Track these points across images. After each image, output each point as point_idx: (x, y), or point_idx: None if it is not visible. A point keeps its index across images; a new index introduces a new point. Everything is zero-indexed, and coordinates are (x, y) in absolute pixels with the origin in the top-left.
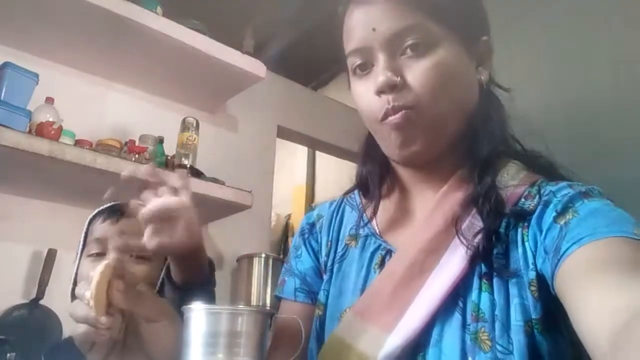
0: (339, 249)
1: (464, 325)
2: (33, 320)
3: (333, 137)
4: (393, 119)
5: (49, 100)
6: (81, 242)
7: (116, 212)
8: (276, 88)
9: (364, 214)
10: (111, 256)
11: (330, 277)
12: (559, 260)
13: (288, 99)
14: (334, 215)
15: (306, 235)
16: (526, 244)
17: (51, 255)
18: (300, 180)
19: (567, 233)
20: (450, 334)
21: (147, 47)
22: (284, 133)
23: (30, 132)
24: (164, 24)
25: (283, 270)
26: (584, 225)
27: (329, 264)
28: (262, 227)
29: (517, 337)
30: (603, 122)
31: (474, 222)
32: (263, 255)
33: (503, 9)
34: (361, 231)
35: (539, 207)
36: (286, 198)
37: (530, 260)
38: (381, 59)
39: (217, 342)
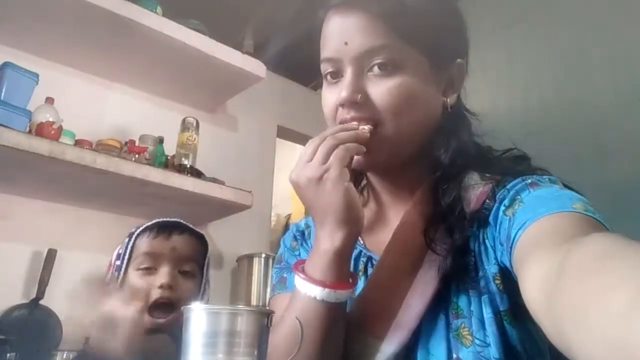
0: None
1: (447, 324)
2: (33, 320)
3: None
4: None
5: (49, 100)
6: (127, 255)
7: (167, 229)
8: (276, 88)
9: None
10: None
11: None
12: (511, 248)
13: (288, 99)
14: None
15: (300, 240)
16: (487, 241)
17: (51, 255)
18: None
19: (514, 222)
20: (436, 335)
21: (147, 47)
22: (284, 133)
23: (30, 132)
24: (164, 24)
25: (277, 270)
26: (527, 210)
27: None
28: (262, 227)
29: (491, 329)
30: (603, 122)
31: (444, 231)
32: (263, 255)
33: (503, 10)
34: None
35: (495, 205)
36: (286, 198)
37: (492, 256)
38: (348, 74)
39: (217, 341)
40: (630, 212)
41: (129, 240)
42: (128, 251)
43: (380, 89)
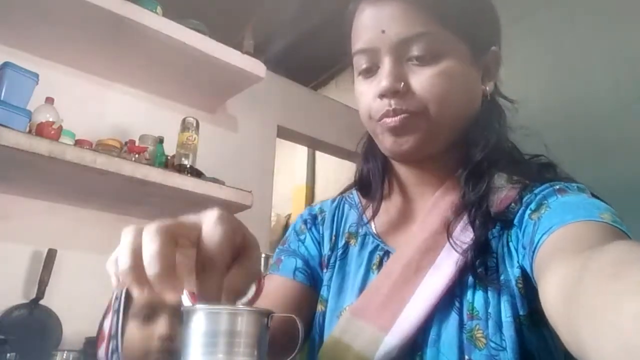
0: (340, 246)
1: (461, 324)
2: (33, 320)
3: (333, 137)
4: (391, 121)
5: (49, 100)
6: (123, 301)
7: None
8: (276, 88)
9: (364, 214)
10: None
11: (332, 274)
12: (533, 253)
13: (288, 99)
14: (336, 211)
15: (309, 225)
16: (510, 244)
17: (51, 255)
18: (300, 180)
19: (539, 226)
20: (448, 334)
21: (147, 47)
22: (284, 133)
23: (30, 132)
24: (164, 24)
25: (278, 251)
26: (553, 216)
27: (332, 260)
28: (262, 227)
29: (509, 333)
30: (603, 122)
31: (466, 226)
32: (263, 255)
33: (503, 10)
34: (360, 230)
35: (521, 209)
36: (286, 198)
37: (515, 259)
38: (387, 63)
39: (217, 341)
40: (630, 212)
41: (125, 290)
42: (124, 297)
43: (422, 78)
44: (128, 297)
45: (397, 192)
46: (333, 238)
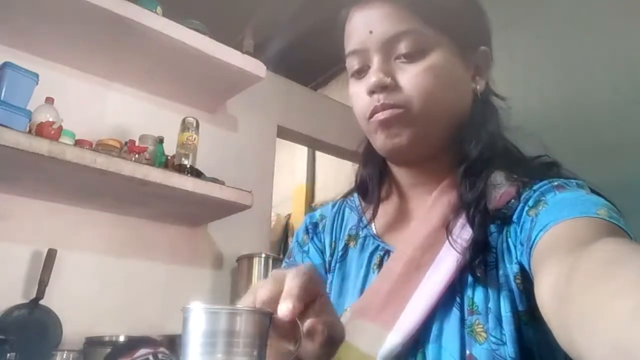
0: (340, 249)
1: (462, 320)
2: (33, 320)
3: (333, 137)
4: (380, 115)
5: (49, 100)
6: None
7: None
8: (276, 88)
9: (363, 217)
10: None
11: (333, 277)
12: (530, 250)
13: (288, 99)
14: (336, 216)
15: (311, 235)
16: (509, 240)
17: (51, 255)
18: (300, 180)
19: (536, 223)
20: (450, 329)
21: (147, 47)
22: (284, 133)
23: (30, 132)
24: (164, 24)
25: (285, 266)
26: (550, 213)
27: (333, 264)
28: (262, 227)
29: (509, 328)
30: (603, 122)
31: (465, 225)
32: (263, 255)
33: (504, 10)
34: (360, 232)
35: (520, 205)
36: (286, 198)
37: (514, 255)
38: (375, 61)
39: (216, 341)
40: (630, 213)
41: None
42: None
43: (409, 74)
44: None
45: (395, 194)
46: (333, 243)
